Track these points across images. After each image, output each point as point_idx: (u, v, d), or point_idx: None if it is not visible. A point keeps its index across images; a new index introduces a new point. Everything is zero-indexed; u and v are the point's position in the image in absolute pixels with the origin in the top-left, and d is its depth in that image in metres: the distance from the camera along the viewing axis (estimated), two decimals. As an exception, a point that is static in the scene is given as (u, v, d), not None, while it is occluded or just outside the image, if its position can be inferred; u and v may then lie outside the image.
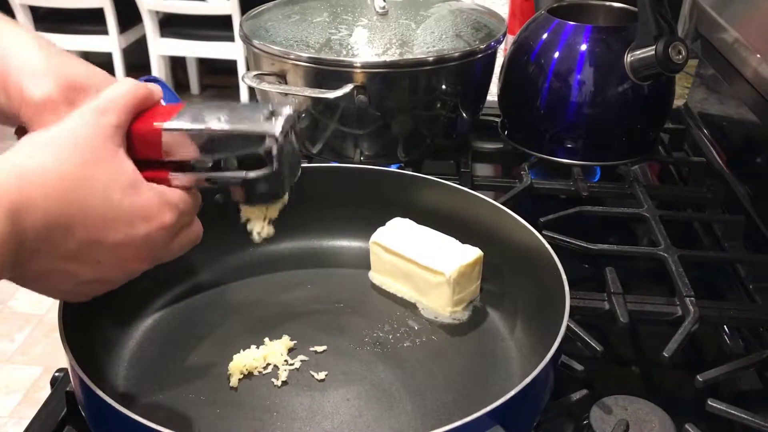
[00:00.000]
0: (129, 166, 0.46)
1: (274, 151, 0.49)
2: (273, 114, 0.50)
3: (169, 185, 0.49)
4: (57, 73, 0.50)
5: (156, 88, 0.51)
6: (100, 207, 0.44)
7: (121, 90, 0.48)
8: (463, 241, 0.70)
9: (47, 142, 0.44)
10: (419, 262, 0.68)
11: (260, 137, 0.49)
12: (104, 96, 0.47)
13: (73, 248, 0.44)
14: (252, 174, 0.50)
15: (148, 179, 0.48)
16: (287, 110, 0.50)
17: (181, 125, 0.49)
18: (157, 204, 0.47)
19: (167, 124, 0.49)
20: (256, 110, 0.50)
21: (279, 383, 0.60)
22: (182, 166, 0.50)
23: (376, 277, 0.73)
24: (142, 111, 0.49)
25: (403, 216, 0.73)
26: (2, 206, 0.39)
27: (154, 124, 0.49)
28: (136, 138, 0.49)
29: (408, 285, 0.71)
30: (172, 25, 3.27)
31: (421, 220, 0.73)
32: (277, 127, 0.49)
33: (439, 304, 0.69)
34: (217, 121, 0.49)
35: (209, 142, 0.49)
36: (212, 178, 0.50)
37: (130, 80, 0.50)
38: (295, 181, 0.54)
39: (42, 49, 0.51)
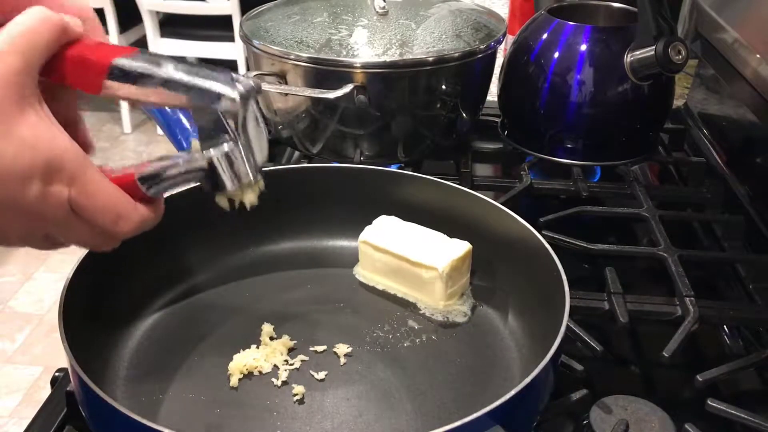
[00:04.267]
0: (30, 118, 0.40)
1: (236, 119, 0.47)
2: (234, 80, 0.46)
3: (138, 191, 0.46)
4: None
5: (74, 19, 0.45)
6: None
7: (29, 24, 0.41)
8: (451, 236, 0.70)
9: None
10: (410, 259, 0.69)
11: (216, 96, 0.45)
12: (9, 30, 0.40)
13: None
14: (215, 151, 0.47)
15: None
16: (248, 81, 0.47)
17: (134, 63, 0.45)
18: (58, 167, 0.41)
19: (118, 60, 0.45)
20: (219, 72, 0.47)
21: (279, 383, 0.60)
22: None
23: (364, 274, 0.74)
24: (65, 41, 0.44)
25: (390, 213, 0.74)
26: None
27: (97, 57, 0.44)
28: (74, 66, 0.44)
29: (398, 282, 0.71)
30: (172, 25, 3.27)
31: (407, 216, 0.73)
32: (236, 90, 0.45)
33: (432, 298, 0.69)
34: (174, 71, 0.45)
35: (160, 90, 0.45)
36: (177, 173, 0.48)
37: (41, 10, 0.42)
38: (264, 160, 0.50)
39: None
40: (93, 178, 0.43)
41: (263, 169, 0.51)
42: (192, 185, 0.50)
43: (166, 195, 0.49)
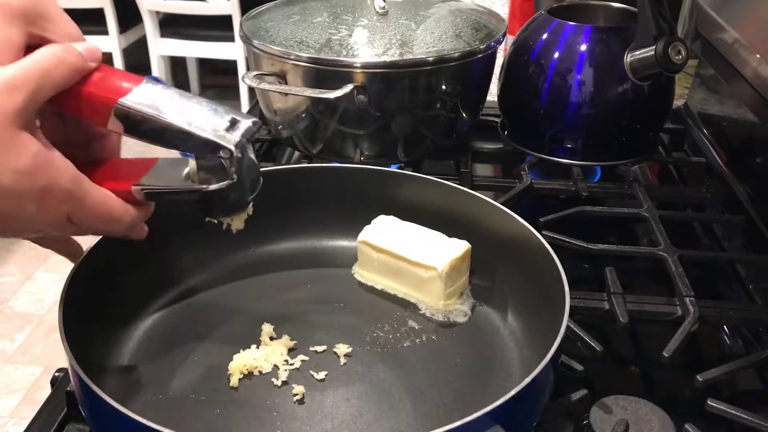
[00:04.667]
0: (30, 149, 0.43)
1: (228, 163, 0.48)
2: (233, 124, 0.48)
3: (131, 195, 0.49)
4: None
5: (94, 52, 0.47)
6: None
7: (42, 62, 0.43)
8: (451, 236, 0.70)
9: None
10: (410, 258, 0.69)
11: (215, 146, 0.48)
12: (21, 66, 0.43)
13: None
14: (211, 187, 0.50)
15: (111, 190, 0.48)
16: (248, 122, 0.49)
17: (137, 106, 0.47)
18: (53, 189, 0.44)
19: (123, 100, 0.47)
20: (218, 115, 0.48)
21: (279, 383, 0.60)
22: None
23: (362, 274, 0.74)
24: (77, 79, 0.46)
25: (390, 213, 0.74)
26: None
27: (104, 95, 0.47)
28: (84, 101, 0.47)
29: (398, 281, 0.71)
30: (172, 25, 3.27)
31: (406, 216, 0.73)
32: (235, 138, 0.48)
33: (431, 298, 0.69)
34: (175, 116, 0.47)
35: (160, 133, 0.47)
36: (171, 189, 0.50)
37: (58, 50, 0.45)
38: (255, 194, 0.53)
39: None
40: (86, 192, 0.47)
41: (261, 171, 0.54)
42: (180, 202, 0.52)
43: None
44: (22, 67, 0.43)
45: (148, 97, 0.47)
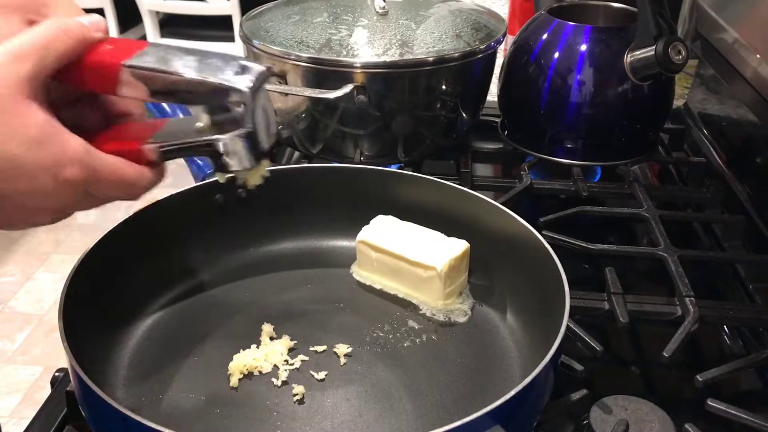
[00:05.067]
0: (37, 118, 0.43)
1: (242, 109, 0.47)
2: (244, 69, 0.47)
3: (141, 157, 0.48)
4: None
5: (99, 23, 0.47)
6: (1, 162, 0.42)
7: (45, 34, 0.44)
8: (450, 235, 0.70)
9: None
10: (409, 258, 0.69)
11: (226, 91, 0.46)
12: (26, 38, 0.43)
13: None
14: (223, 137, 0.48)
15: (119, 151, 0.47)
16: (259, 67, 0.47)
17: (144, 64, 0.46)
18: (65, 159, 0.44)
19: (128, 61, 0.46)
20: (227, 62, 0.47)
21: (279, 383, 0.60)
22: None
23: (361, 274, 0.74)
24: (75, 55, 0.46)
25: (390, 213, 0.74)
26: None
27: (110, 59, 0.46)
28: (89, 71, 0.46)
29: (397, 281, 0.71)
30: (172, 25, 3.27)
31: (406, 216, 0.73)
32: (246, 82, 0.46)
33: (431, 297, 0.69)
34: (183, 67, 0.46)
35: (170, 88, 0.46)
36: (182, 144, 0.48)
37: (61, 21, 0.45)
38: (271, 144, 0.51)
39: None
40: (99, 160, 0.46)
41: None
42: (195, 155, 0.50)
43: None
44: (26, 38, 0.43)
45: (154, 56, 0.46)
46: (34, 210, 0.46)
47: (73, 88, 0.48)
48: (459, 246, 0.69)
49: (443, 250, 0.69)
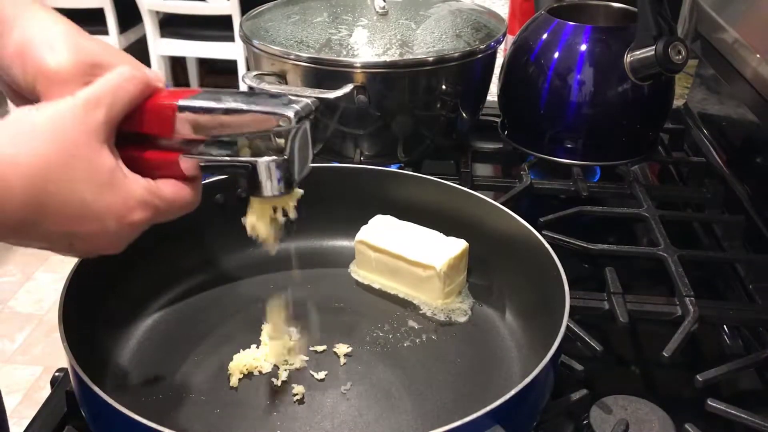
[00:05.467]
0: (109, 163, 0.45)
1: (284, 136, 0.49)
2: (291, 102, 0.50)
3: (178, 168, 0.50)
4: (73, 46, 0.49)
5: (156, 74, 0.51)
6: (73, 203, 0.44)
7: (116, 81, 0.47)
8: (449, 235, 0.71)
9: (28, 131, 0.43)
10: (408, 258, 0.69)
11: (273, 119, 0.49)
12: (97, 86, 0.46)
13: (43, 235, 0.45)
14: (261, 160, 0.50)
15: (157, 160, 0.49)
16: (306, 101, 0.50)
17: (194, 103, 0.49)
18: (132, 203, 0.47)
19: (181, 102, 0.49)
20: (275, 97, 0.50)
21: (279, 383, 0.60)
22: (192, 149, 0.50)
23: (360, 273, 0.74)
24: (139, 101, 0.49)
25: (390, 213, 0.74)
26: None
27: (167, 101, 0.49)
28: (148, 113, 0.49)
29: (396, 281, 0.71)
30: (172, 25, 3.26)
31: (406, 216, 0.73)
32: (291, 110, 0.49)
33: (430, 297, 0.69)
34: (234, 102, 0.49)
35: (223, 122, 0.49)
36: (220, 162, 0.50)
37: (128, 69, 0.48)
38: (304, 174, 0.53)
39: (60, 24, 0.50)
40: (160, 201, 0.48)
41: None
42: (231, 175, 0.52)
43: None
44: (97, 86, 0.46)
45: (206, 96, 0.49)
46: (98, 246, 0.48)
47: (130, 130, 0.50)
48: (458, 245, 0.69)
49: (442, 249, 0.69)
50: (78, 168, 0.44)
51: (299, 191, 0.55)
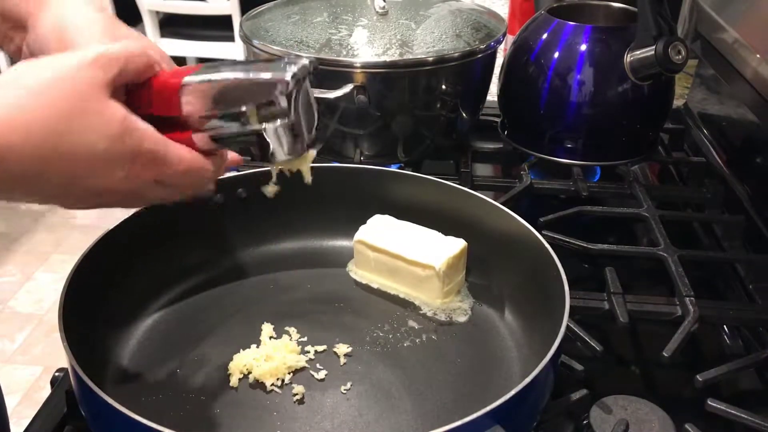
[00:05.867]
0: (119, 113, 0.46)
1: (285, 99, 0.49)
2: (287, 64, 0.50)
3: (193, 145, 0.50)
4: (109, 34, 0.51)
5: (161, 56, 0.52)
6: (81, 154, 0.44)
7: (126, 51, 0.48)
8: (448, 234, 0.71)
9: (34, 85, 0.44)
10: (407, 257, 0.69)
11: (272, 84, 0.49)
12: (107, 50, 0.47)
13: (48, 189, 0.45)
14: (269, 126, 0.50)
15: (171, 139, 0.49)
16: (303, 61, 0.51)
17: (196, 78, 0.50)
18: (142, 151, 0.47)
19: (185, 79, 0.50)
20: (272, 62, 0.51)
21: (279, 383, 0.60)
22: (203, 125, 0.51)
23: (358, 273, 0.74)
24: (145, 76, 0.50)
25: (390, 212, 0.74)
26: None
27: (172, 80, 0.50)
28: (155, 95, 0.50)
29: (395, 280, 0.71)
30: (172, 25, 3.26)
31: (405, 215, 0.73)
32: (288, 73, 0.49)
33: (429, 296, 0.69)
34: (232, 72, 0.50)
35: (224, 93, 0.49)
36: (230, 133, 0.51)
37: (139, 44, 0.50)
38: (314, 136, 0.54)
39: (94, 10, 0.52)
40: (169, 150, 0.49)
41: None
42: (243, 146, 0.53)
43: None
44: (113, 47, 0.47)
45: (207, 70, 0.50)
46: (104, 192, 0.48)
47: (140, 113, 0.50)
48: (457, 244, 0.69)
49: (441, 248, 0.69)
50: (86, 118, 0.44)
51: (312, 153, 0.55)
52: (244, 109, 0.50)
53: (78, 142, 0.44)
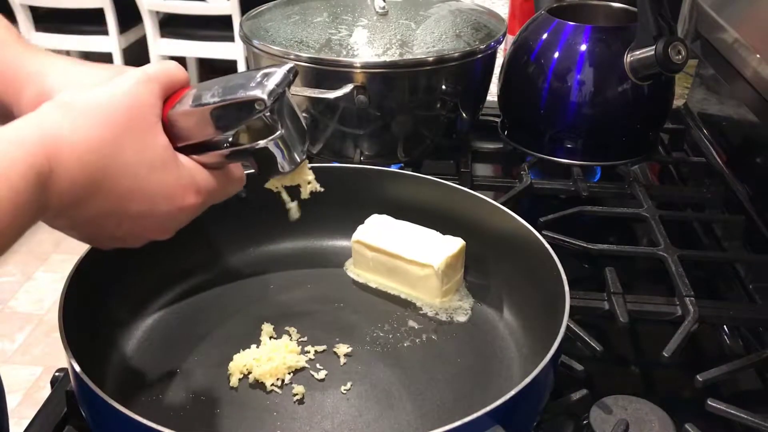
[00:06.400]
0: (162, 141, 0.46)
1: (270, 115, 0.49)
2: (264, 77, 0.49)
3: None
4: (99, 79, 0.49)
5: (184, 73, 0.51)
6: (125, 180, 0.44)
7: (167, 66, 0.48)
8: (446, 234, 0.71)
9: (86, 105, 0.43)
10: (405, 257, 0.69)
11: (251, 104, 0.48)
12: (151, 67, 0.47)
13: (93, 214, 0.44)
14: (260, 143, 0.50)
15: None
16: (281, 70, 0.49)
17: (179, 108, 0.48)
18: (183, 185, 0.47)
19: (169, 113, 0.48)
20: (249, 77, 0.49)
21: (279, 383, 0.60)
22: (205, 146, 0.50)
23: (357, 273, 0.74)
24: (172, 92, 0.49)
25: (390, 212, 0.74)
26: (31, 169, 0.39)
27: (166, 113, 0.49)
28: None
29: (393, 280, 0.71)
30: (172, 25, 3.26)
31: (405, 215, 0.73)
32: (266, 90, 0.47)
33: (428, 295, 0.70)
34: (210, 96, 0.48)
35: (211, 118, 0.48)
36: (223, 153, 0.50)
37: (172, 62, 0.50)
38: (306, 145, 0.53)
39: (77, 66, 0.51)
40: (209, 185, 0.49)
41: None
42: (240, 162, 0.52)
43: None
44: (152, 66, 0.47)
45: (189, 97, 0.49)
46: (147, 229, 0.48)
47: None
48: (455, 244, 0.69)
49: (439, 248, 0.69)
50: (134, 143, 0.44)
51: (306, 164, 0.55)
52: (232, 131, 0.49)
53: (123, 165, 0.43)
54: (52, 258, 2.58)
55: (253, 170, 0.52)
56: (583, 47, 0.86)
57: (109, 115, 0.43)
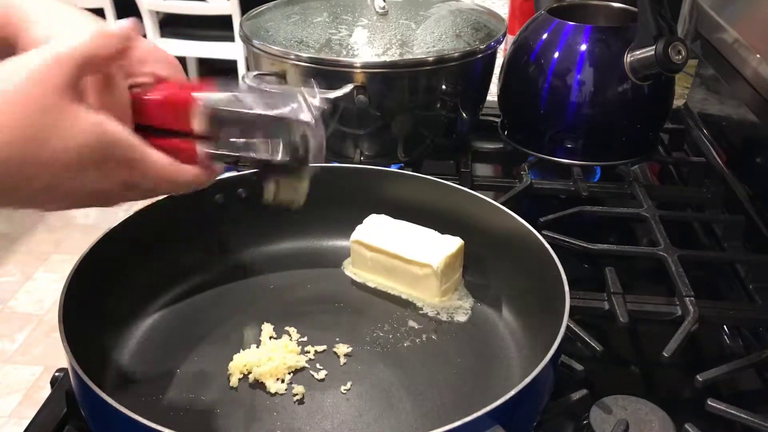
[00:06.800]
0: (88, 121, 0.43)
1: (304, 138, 0.50)
2: (306, 103, 0.50)
3: (195, 157, 0.49)
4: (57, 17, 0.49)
5: (129, 32, 0.49)
6: (60, 161, 0.42)
7: (83, 42, 0.44)
8: (445, 234, 0.71)
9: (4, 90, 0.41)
10: (404, 257, 0.69)
11: (295, 124, 0.49)
12: (63, 45, 0.43)
13: (29, 195, 0.44)
14: (278, 159, 0.50)
15: (171, 148, 0.47)
16: (319, 98, 0.51)
17: (220, 101, 0.48)
18: (115, 159, 0.45)
19: (206, 97, 0.48)
20: (290, 97, 0.50)
21: (279, 383, 0.60)
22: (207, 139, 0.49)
23: (355, 272, 0.74)
24: (120, 62, 0.48)
25: (389, 212, 0.74)
26: None
27: (192, 94, 0.48)
28: (166, 107, 0.48)
29: (392, 280, 0.72)
30: (172, 25, 3.26)
31: (404, 215, 0.73)
32: (311, 116, 0.49)
33: (427, 295, 0.70)
34: (255, 104, 0.49)
35: (243, 123, 0.48)
36: (239, 158, 0.50)
37: (97, 31, 0.46)
38: (320, 159, 0.53)
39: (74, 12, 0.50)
40: (144, 159, 0.46)
41: None
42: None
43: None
44: (66, 42, 0.44)
45: (225, 92, 0.49)
46: (72, 199, 0.46)
47: (147, 124, 0.49)
48: (453, 243, 0.69)
49: (438, 247, 0.69)
50: (52, 126, 0.42)
51: (305, 185, 0.55)
52: (267, 141, 0.49)
53: (57, 149, 0.42)
54: (52, 258, 2.58)
55: (252, 171, 0.52)
56: (583, 47, 0.86)
57: (23, 110, 0.41)
